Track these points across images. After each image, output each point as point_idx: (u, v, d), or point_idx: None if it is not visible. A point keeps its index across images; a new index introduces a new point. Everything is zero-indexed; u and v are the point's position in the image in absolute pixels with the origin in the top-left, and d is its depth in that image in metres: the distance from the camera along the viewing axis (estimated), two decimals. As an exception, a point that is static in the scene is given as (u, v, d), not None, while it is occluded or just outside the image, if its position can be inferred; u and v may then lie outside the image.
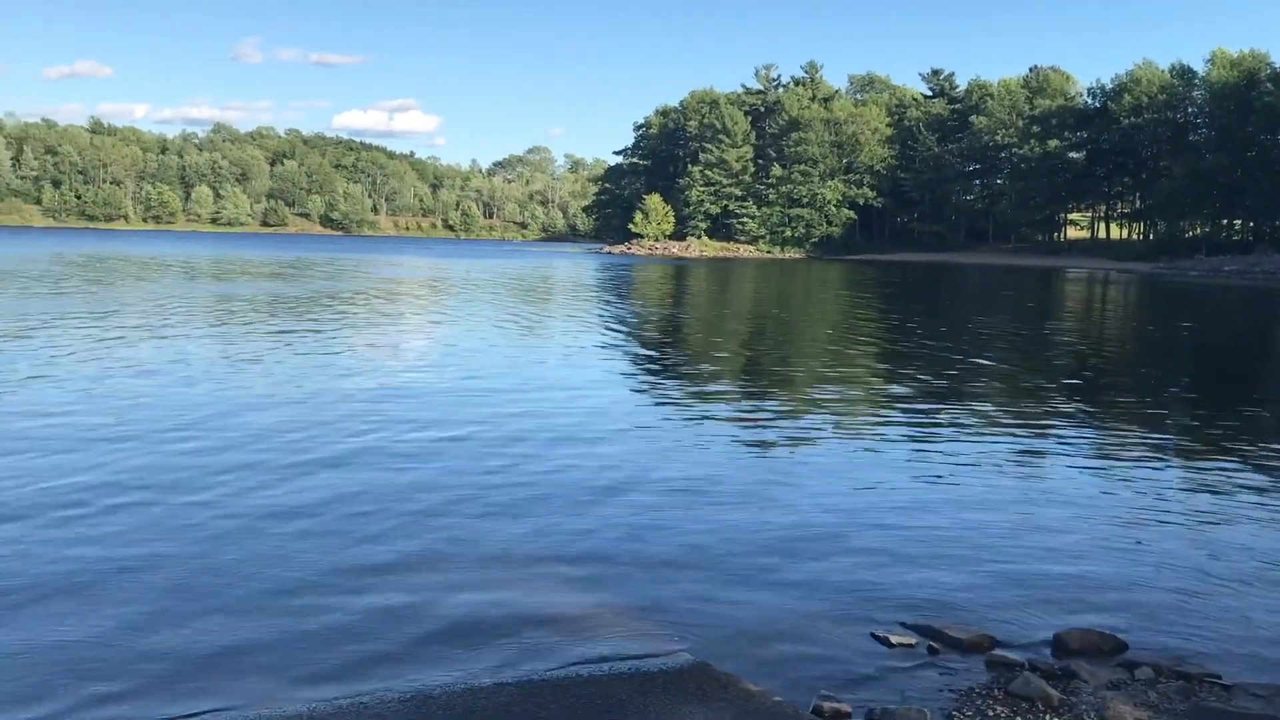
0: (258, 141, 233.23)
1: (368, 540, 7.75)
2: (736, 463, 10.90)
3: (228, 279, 46.00)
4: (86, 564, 7.04)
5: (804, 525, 8.51)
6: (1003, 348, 24.73)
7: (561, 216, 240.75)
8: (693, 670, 5.65)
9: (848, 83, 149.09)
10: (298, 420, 12.29)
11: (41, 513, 8.14)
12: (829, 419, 13.81)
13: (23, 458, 9.98)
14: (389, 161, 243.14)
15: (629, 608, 6.58)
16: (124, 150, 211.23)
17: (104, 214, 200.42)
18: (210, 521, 8.08)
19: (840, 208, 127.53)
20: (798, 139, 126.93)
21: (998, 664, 5.89)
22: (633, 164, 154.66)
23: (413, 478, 9.69)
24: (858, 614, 6.58)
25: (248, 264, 62.10)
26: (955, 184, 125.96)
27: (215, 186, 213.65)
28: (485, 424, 12.43)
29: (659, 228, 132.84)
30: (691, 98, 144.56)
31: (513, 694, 5.31)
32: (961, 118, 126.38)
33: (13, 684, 5.31)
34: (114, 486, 8.99)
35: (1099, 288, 62.01)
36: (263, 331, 22.85)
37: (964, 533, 8.42)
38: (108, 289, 36.09)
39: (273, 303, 31.68)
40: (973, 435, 12.73)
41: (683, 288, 52.83)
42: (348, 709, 5.11)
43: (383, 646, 5.89)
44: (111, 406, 12.85)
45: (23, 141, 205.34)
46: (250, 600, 6.51)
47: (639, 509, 8.85)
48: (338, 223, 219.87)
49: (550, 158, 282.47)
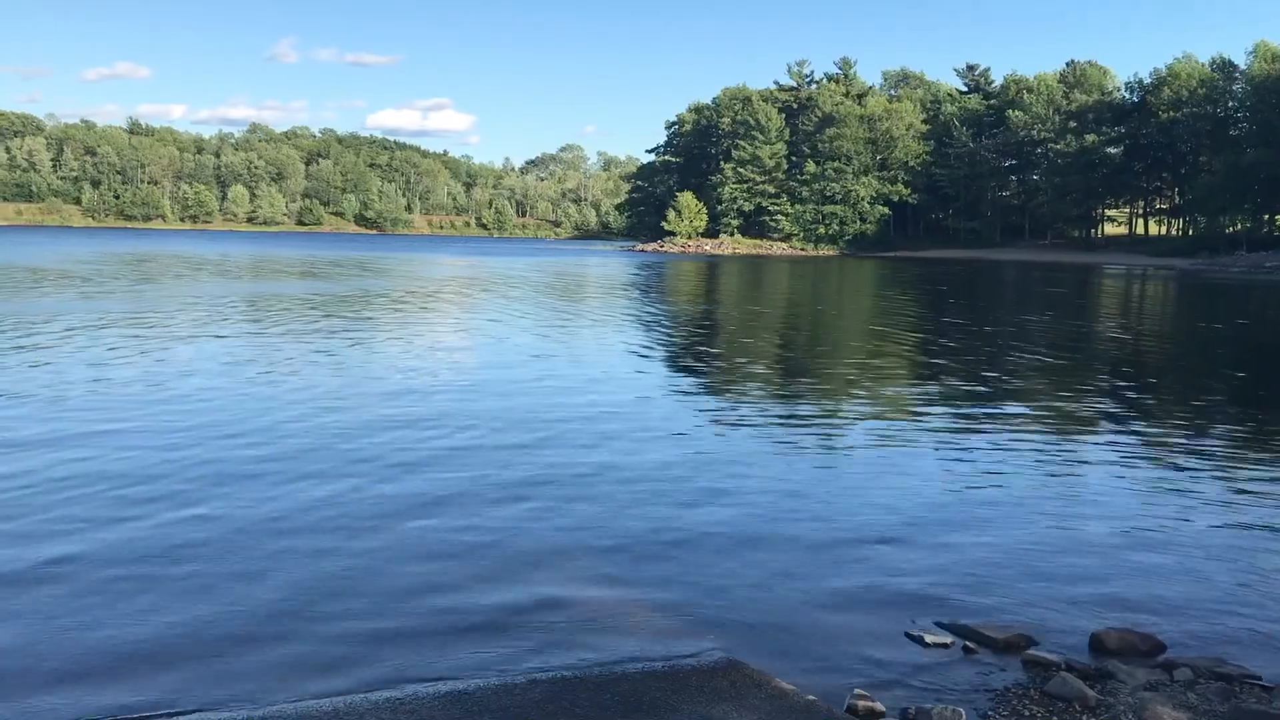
0: (293, 141, 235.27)
1: (398, 537, 7.80)
2: (769, 460, 10.86)
3: (277, 278, 46.41)
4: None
5: (838, 523, 8.48)
6: (1042, 346, 24.50)
7: (594, 214, 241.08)
8: (726, 668, 5.65)
9: (881, 79, 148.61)
10: (332, 421, 12.39)
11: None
12: (864, 417, 13.74)
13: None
14: (423, 160, 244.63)
15: (661, 605, 6.58)
16: (161, 150, 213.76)
17: (142, 213, 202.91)
18: (254, 521, 8.16)
19: (874, 204, 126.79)
20: (831, 135, 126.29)
21: (1034, 664, 5.84)
22: (665, 161, 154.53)
23: (444, 475, 9.73)
24: (892, 613, 6.54)
25: (291, 263, 62.66)
26: (991, 180, 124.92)
27: (251, 186, 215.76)
28: (520, 422, 12.47)
29: (692, 225, 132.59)
30: (725, 95, 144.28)
31: (546, 690, 5.33)
32: (997, 113, 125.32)
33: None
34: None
35: (1138, 284, 61.31)
36: (324, 330, 23.02)
37: (1001, 531, 8.36)
38: (177, 286, 36.53)
39: (331, 301, 31.93)
40: (1010, 433, 12.62)
41: (717, 285, 52.74)
42: (383, 704, 5.14)
43: (417, 642, 5.92)
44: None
45: (63, 142, 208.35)
46: (287, 594, 6.56)
47: (672, 506, 8.84)
48: (372, 221, 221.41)
49: (583, 156, 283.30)
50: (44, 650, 5.69)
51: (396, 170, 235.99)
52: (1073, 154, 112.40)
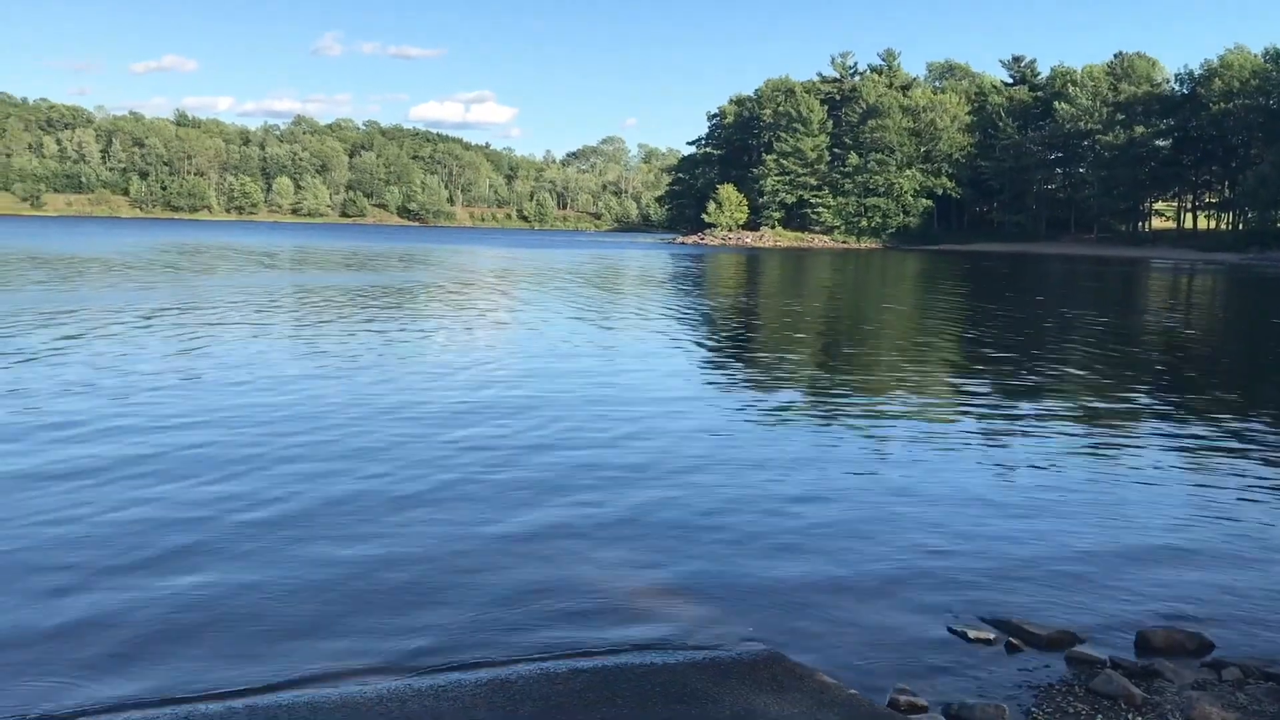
0: (337, 133, 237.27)
1: (438, 526, 7.86)
2: (811, 452, 10.82)
3: (334, 270, 46.85)
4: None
5: (879, 516, 8.44)
6: (1089, 341, 24.23)
7: (635, 207, 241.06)
8: (767, 660, 5.64)
9: (926, 70, 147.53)
10: (374, 409, 12.52)
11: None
12: (906, 412, 13.66)
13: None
14: (465, 152, 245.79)
15: (702, 596, 6.59)
16: (208, 142, 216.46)
17: (188, 205, 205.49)
18: (298, 504, 8.26)
19: (918, 197, 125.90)
20: (874, 127, 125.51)
21: (1079, 661, 5.79)
22: (706, 154, 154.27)
23: (489, 464, 9.79)
24: (934, 607, 6.50)
25: (343, 256, 63.22)
26: (1036, 173, 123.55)
27: (296, 178, 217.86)
28: (562, 413, 12.51)
29: (732, 217, 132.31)
30: (767, 86, 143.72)
31: (588, 680, 5.35)
32: (1044, 105, 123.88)
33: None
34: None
35: (1186, 279, 60.41)
36: (384, 321, 23.23)
37: (1045, 527, 8.28)
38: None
39: (388, 293, 32.20)
40: (1055, 430, 12.50)
41: (759, 278, 52.60)
42: (426, 692, 5.19)
43: (458, 630, 5.96)
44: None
45: (112, 134, 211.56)
46: (331, 582, 6.64)
47: (712, 499, 8.84)
48: (414, 213, 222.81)
49: (624, 148, 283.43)
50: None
51: (439, 162, 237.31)
52: (1120, 146, 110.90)
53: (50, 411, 11.64)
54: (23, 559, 6.91)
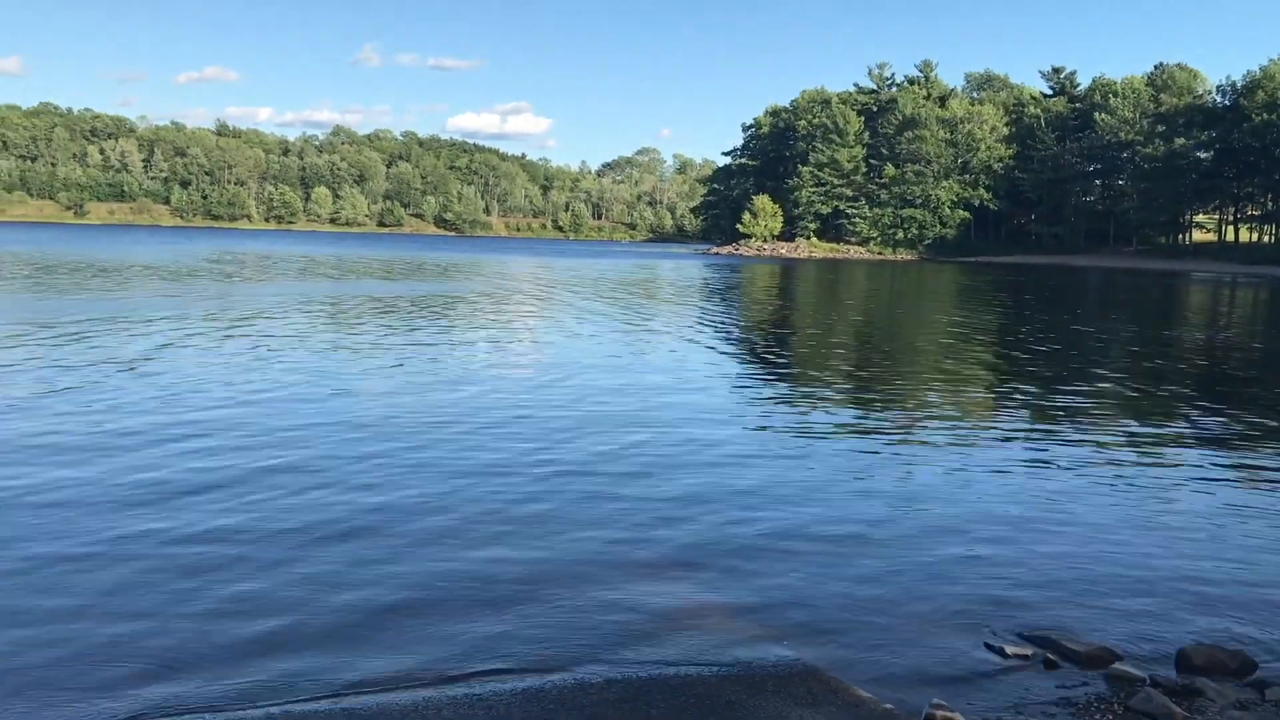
0: (375, 144, 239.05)
1: (477, 537, 7.90)
2: (846, 468, 10.79)
3: (376, 278, 47.23)
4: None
5: (916, 532, 8.39)
6: (1127, 355, 23.98)
7: (669, 217, 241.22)
8: (802, 674, 5.63)
9: (964, 81, 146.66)
10: (424, 420, 12.60)
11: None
12: (942, 426, 13.57)
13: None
14: (501, 163, 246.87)
15: (737, 609, 6.58)
16: (248, 152, 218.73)
17: (228, 214, 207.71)
18: (325, 518, 8.33)
19: (955, 208, 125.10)
20: (911, 138, 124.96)
21: (1118, 679, 5.73)
22: (741, 164, 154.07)
23: (525, 477, 9.83)
24: (971, 623, 6.46)
25: (387, 264, 63.76)
26: (1075, 184, 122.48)
27: (334, 187, 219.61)
28: (600, 424, 12.54)
29: (767, 228, 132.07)
30: (803, 97, 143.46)
31: (623, 691, 5.36)
32: (1083, 116, 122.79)
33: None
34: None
35: (1227, 292, 59.61)
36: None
37: (1084, 543, 8.20)
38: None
39: (434, 302, 32.44)
40: (1093, 445, 12.38)
41: (795, 289, 52.45)
42: (461, 700, 5.22)
43: (494, 639, 5.99)
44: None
45: (154, 144, 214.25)
46: (369, 593, 6.69)
47: (748, 511, 8.83)
48: (451, 223, 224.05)
49: (659, 159, 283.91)
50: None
51: (475, 173, 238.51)
52: (1161, 158, 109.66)
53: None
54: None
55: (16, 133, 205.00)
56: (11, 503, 8.38)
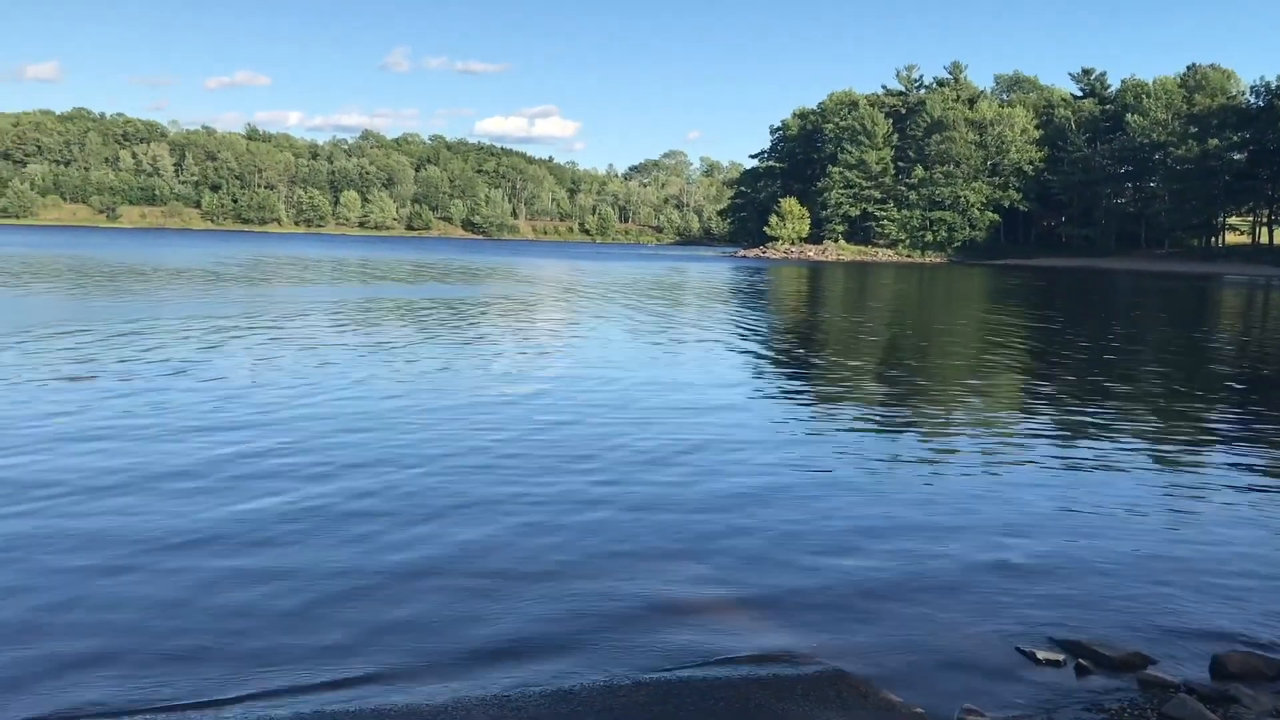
0: (404, 147, 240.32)
1: (505, 536, 7.91)
2: (876, 468, 10.73)
3: (413, 281, 47.50)
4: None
5: (945, 534, 8.33)
6: (1158, 360, 23.75)
7: (696, 220, 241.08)
8: (831, 677, 5.60)
9: (994, 83, 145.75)
10: (446, 419, 12.65)
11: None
12: (971, 430, 13.49)
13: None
14: (528, 166, 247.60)
15: (767, 612, 6.55)
16: (278, 156, 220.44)
17: (258, 217, 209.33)
18: (338, 520, 8.37)
19: (984, 210, 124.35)
20: (940, 140, 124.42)
21: (1151, 684, 5.66)
22: (769, 167, 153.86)
23: (554, 477, 9.84)
24: (1002, 627, 6.41)
25: (419, 267, 64.09)
26: (1106, 186, 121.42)
27: (363, 191, 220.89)
28: (627, 426, 12.55)
29: (795, 230, 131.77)
30: (830, 100, 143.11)
31: (651, 694, 5.35)
32: (1114, 118, 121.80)
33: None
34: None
35: (1261, 294, 58.94)
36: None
37: (1115, 548, 8.12)
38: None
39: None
40: (1124, 449, 12.26)
41: (822, 292, 52.29)
42: (490, 701, 5.22)
43: (523, 640, 6.00)
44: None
45: (185, 148, 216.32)
46: (401, 593, 6.71)
47: (777, 514, 8.80)
48: (478, 227, 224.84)
49: (686, 161, 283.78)
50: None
51: (503, 176, 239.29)
52: (1193, 160, 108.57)
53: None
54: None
55: (51, 137, 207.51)
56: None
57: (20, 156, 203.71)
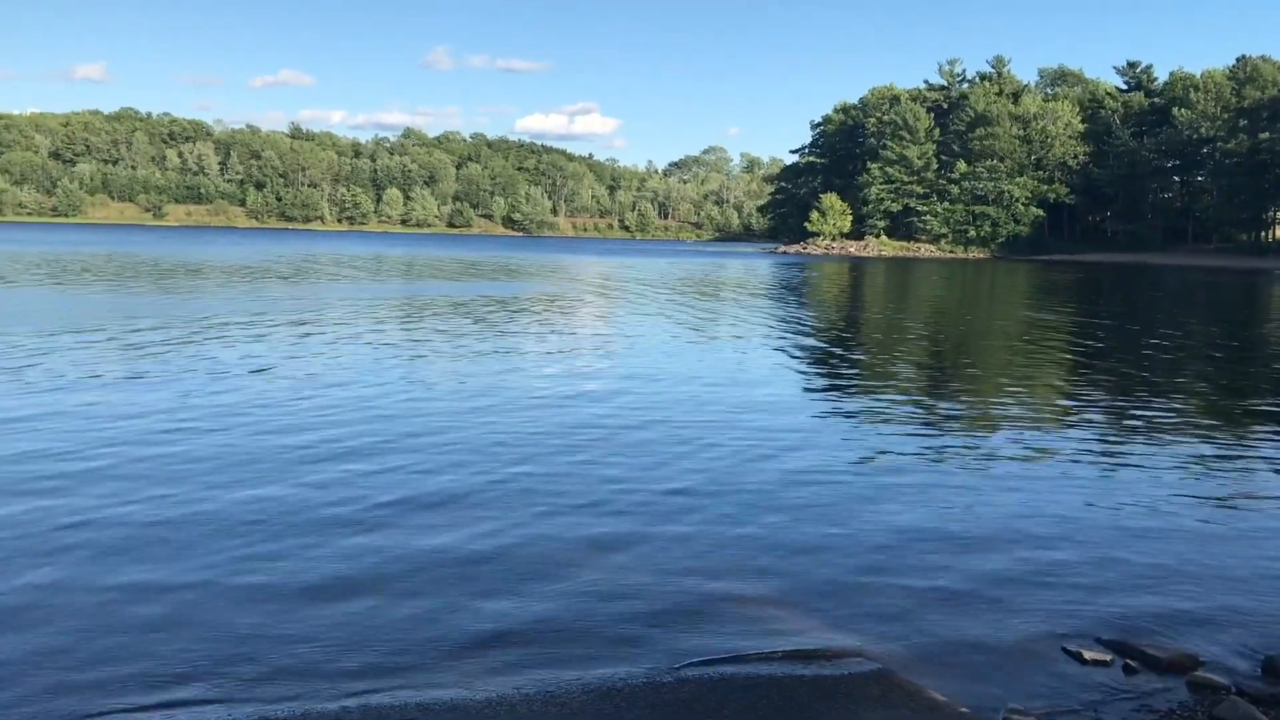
0: (445, 145, 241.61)
1: (553, 532, 7.96)
2: (921, 471, 10.67)
3: (461, 278, 47.87)
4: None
5: (990, 533, 8.28)
6: (1207, 357, 23.42)
7: (736, 216, 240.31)
8: (875, 676, 5.59)
9: (1038, 76, 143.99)
10: (490, 420, 12.75)
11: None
12: (1016, 428, 13.37)
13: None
14: (568, 163, 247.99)
15: (810, 610, 6.55)
16: (321, 154, 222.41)
17: (302, 215, 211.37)
18: (383, 514, 8.46)
19: (1029, 205, 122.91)
20: (983, 134, 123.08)
21: (1201, 686, 5.60)
22: (810, 162, 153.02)
23: (598, 473, 9.88)
24: (1048, 627, 6.35)
25: (468, 265, 64.73)
26: (1152, 181, 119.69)
27: (405, 189, 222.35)
28: (671, 424, 12.57)
29: (836, 226, 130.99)
30: (872, 94, 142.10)
31: (694, 690, 5.37)
32: (1160, 112, 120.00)
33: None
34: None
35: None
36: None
37: (1163, 547, 8.02)
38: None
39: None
40: (1173, 448, 12.11)
41: (870, 288, 52.00)
42: (535, 697, 5.26)
43: (566, 636, 6.03)
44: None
45: (230, 147, 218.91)
46: (439, 589, 6.77)
47: (821, 512, 8.78)
48: (519, 224, 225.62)
49: (726, 157, 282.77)
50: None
51: (543, 174, 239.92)
52: (1243, 154, 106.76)
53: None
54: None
55: (99, 137, 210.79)
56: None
57: (69, 156, 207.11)
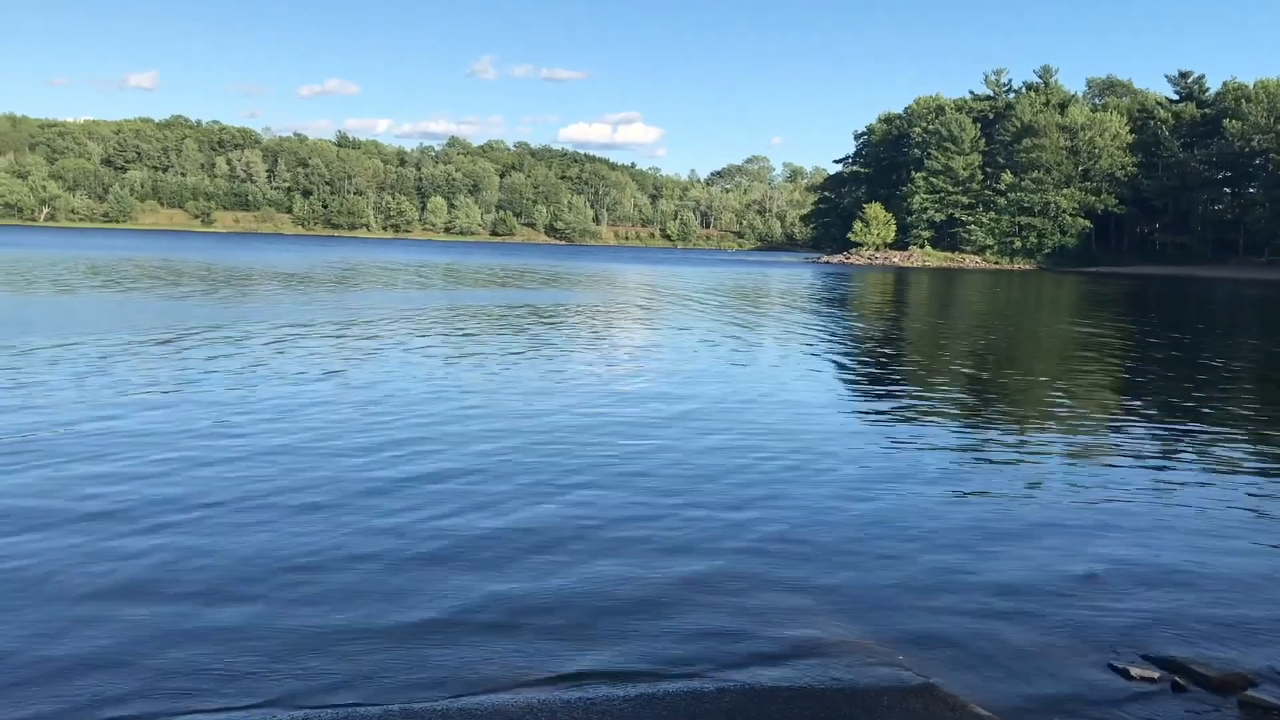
0: (489, 154, 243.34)
1: (593, 540, 7.98)
2: (963, 479, 10.58)
3: (519, 286, 48.19)
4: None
5: (1033, 547, 8.17)
6: (1260, 373, 23.03)
7: (779, 225, 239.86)
8: (919, 689, 5.54)
9: (1085, 86, 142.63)
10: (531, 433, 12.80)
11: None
12: (1061, 442, 13.22)
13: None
14: (611, 172, 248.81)
15: (853, 621, 6.50)
16: (366, 163, 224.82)
17: (347, 222, 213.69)
18: (407, 521, 8.51)
19: (1075, 216, 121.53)
20: (1030, 145, 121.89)
21: (1252, 705, 5.49)
22: (854, 172, 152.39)
23: (639, 484, 9.89)
24: (1093, 642, 6.27)
25: (518, 272, 64.98)
26: (1202, 192, 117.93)
27: (449, 197, 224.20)
28: (713, 434, 12.56)
29: (879, 236, 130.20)
30: (916, 104, 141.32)
31: (735, 700, 5.35)
32: (1212, 122, 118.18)
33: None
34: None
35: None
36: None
37: (1213, 564, 7.88)
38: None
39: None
40: (1223, 465, 11.92)
41: (915, 299, 51.67)
42: (575, 704, 5.27)
43: (607, 643, 6.03)
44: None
45: (277, 155, 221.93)
46: (481, 598, 6.81)
47: (863, 523, 8.73)
48: (561, 232, 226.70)
49: (769, 167, 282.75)
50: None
51: (586, 182, 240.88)
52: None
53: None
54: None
55: (150, 144, 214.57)
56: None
57: (121, 163, 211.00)
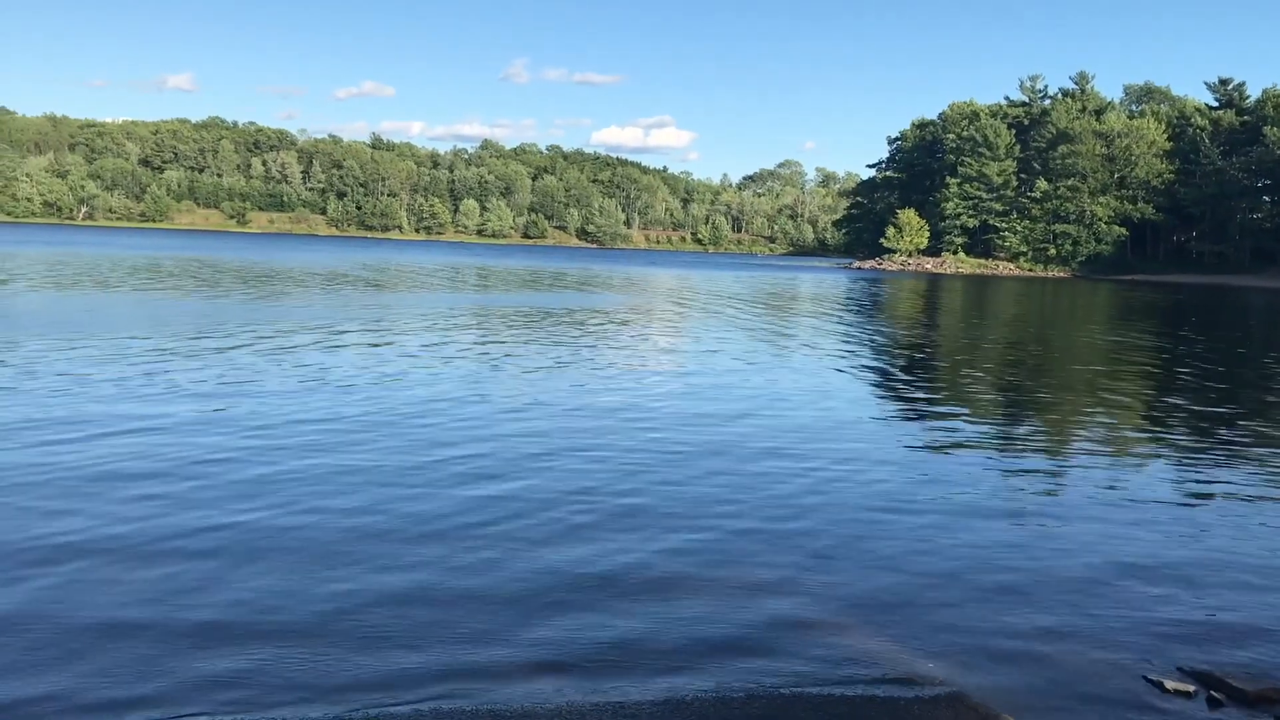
0: (521, 157, 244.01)
1: (629, 547, 7.97)
2: (998, 492, 10.50)
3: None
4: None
5: (1067, 559, 8.10)
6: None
7: (810, 230, 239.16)
8: (949, 699, 5.50)
9: (1123, 93, 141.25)
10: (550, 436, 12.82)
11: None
12: (1096, 453, 13.09)
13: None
14: (643, 176, 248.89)
15: (883, 631, 6.46)
16: (400, 165, 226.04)
17: (380, 224, 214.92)
18: (429, 527, 8.53)
19: (1111, 224, 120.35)
20: (1065, 152, 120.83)
21: (1289, 721, 5.42)
22: (886, 177, 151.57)
23: (668, 491, 9.89)
24: (1127, 654, 6.20)
25: (554, 275, 65.21)
26: (1241, 200, 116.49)
27: (481, 200, 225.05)
28: (743, 441, 12.54)
29: (912, 242, 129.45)
30: (951, 110, 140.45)
31: (764, 707, 5.33)
32: (1252, 130, 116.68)
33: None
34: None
35: None
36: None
37: (1249, 577, 7.78)
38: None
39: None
40: (1260, 479, 11.76)
41: (950, 306, 51.37)
42: (604, 707, 5.27)
43: (637, 647, 6.03)
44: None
45: (312, 156, 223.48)
46: (511, 600, 6.82)
47: (895, 534, 8.68)
48: (593, 236, 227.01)
49: (801, 171, 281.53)
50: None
51: (617, 186, 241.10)
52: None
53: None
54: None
55: (187, 145, 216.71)
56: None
57: (158, 163, 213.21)
